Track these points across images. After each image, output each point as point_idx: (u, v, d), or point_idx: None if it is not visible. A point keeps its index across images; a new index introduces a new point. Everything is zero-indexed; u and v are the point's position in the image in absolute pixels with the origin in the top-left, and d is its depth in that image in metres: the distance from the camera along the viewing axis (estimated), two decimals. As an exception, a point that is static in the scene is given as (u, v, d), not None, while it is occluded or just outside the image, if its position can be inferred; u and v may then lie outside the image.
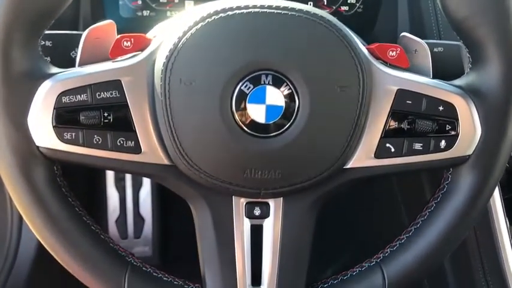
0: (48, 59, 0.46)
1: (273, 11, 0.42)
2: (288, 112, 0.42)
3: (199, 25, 0.41)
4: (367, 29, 0.70)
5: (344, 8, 0.70)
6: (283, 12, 0.42)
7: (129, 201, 1.13)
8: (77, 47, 0.46)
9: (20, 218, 0.87)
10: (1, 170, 0.42)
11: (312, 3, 0.70)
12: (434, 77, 0.47)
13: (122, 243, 1.11)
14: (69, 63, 0.46)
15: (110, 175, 1.12)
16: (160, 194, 1.11)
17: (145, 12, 0.68)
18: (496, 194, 0.65)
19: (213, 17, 0.41)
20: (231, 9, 0.42)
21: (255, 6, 0.42)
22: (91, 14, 0.66)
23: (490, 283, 0.68)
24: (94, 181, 1.10)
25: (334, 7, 0.70)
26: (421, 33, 0.66)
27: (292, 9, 0.42)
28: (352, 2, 0.70)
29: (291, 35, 0.42)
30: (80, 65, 0.45)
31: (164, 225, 1.13)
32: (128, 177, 1.13)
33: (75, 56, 0.46)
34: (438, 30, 0.66)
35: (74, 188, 0.46)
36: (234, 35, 0.42)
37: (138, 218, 1.13)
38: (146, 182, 1.12)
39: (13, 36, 0.40)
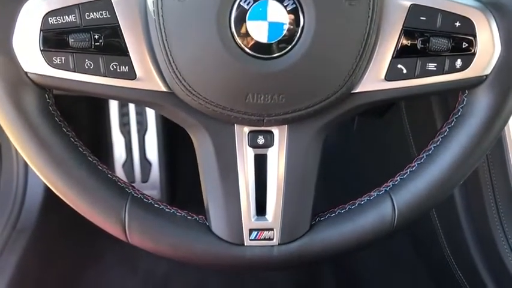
0: None
1: None
2: (291, 30, 0.39)
3: None
4: None
5: None
6: None
7: (135, 146, 1.13)
8: None
9: (26, 164, 0.87)
10: None
11: None
12: None
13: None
14: None
15: (115, 120, 1.11)
16: (167, 138, 1.10)
17: None
18: (511, 123, 0.62)
19: None
20: None
21: None
22: None
23: (502, 216, 0.66)
24: (99, 126, 1.10)
25: None
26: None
27: None
28: None
29: None
30: None
31: (171, 168, 1.13)
32: (133, 122, 1.12)
33: None
34: None
35: (78, 132, 0.44)
36: None
37: (145, 162, 1.13)
38: (152, 126, 1.11)
39: None
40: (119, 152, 1.13)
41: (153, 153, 1.14)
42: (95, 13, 0.39)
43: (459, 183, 0.47)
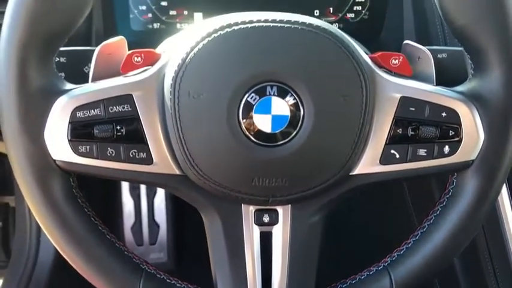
0: (63, 74, 0.48)
1: (276, 24, 0.43)
2: (293, 121, 0.43)
3: (206, 40, 0.43)
4: (373, 36, 0.71)
5: (350, 15, 0.71)
6: (285, 25, 0.43)
7: (144, 209, 1.15)
8: (90, 62, 0.47)
9: (39, 227, 0.90)
10: (19, 181, 0.44)
11: (318, 11, 0.71)
12: (438, 83, 0.48)
13: (137, 250, 1.13)
14: (83, 77, 0.48)
15: (125, 184, 1.14)
16: (174, 201, 1.13)
17: (156, 25, 0.70)
18: (504, 190, 0.65)
19: (218, 32, 0.43)
20: (236, 24, 0.43)
21: (259, 21, 0.43)
22: (103, 28, 0.68)
23: (499, 279, 0.68)
24: (110, 189, 1.12)
25: (340, 14, 0.71)
26: (427, 39, 0.67)
27: (295, 22, 0.43)
28: (358, 9, 0.71)
29: (294, 47, 0.43)
30: (93, 80, 0.46)
31: (178, 231, 1.15)
32: (143, 186, 1.15)
33: (88, 71, 0.48)
34: (444, 36, 0.67)
35: (91, 196, 0.47)
36: (239, 49, 0.43)
37: (153, 225, 1.15)
38: (160, 190, 1.14)
39: (29, 55, 0.42)
40: (128, 214, 1.15)
41: (161, 216, 1.16)
42: (117, 107, 0.43)
43: (454, 257, 0.50)
